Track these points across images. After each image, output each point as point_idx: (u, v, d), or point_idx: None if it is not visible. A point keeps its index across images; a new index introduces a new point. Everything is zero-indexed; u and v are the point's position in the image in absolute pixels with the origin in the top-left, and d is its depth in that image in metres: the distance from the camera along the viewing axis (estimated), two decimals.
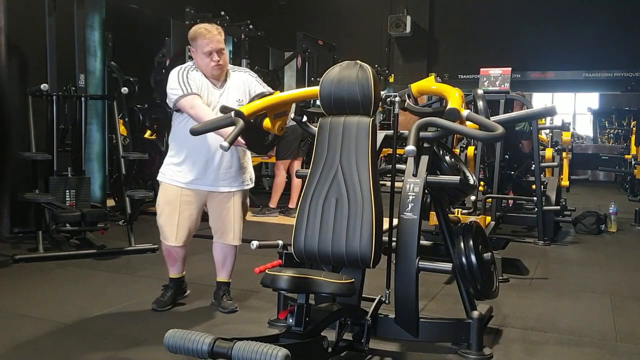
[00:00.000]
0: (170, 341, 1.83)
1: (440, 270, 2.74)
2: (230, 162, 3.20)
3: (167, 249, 3.29)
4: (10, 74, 5.30)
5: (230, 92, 3.15)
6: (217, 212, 3.26)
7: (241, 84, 3.20)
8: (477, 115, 2.83)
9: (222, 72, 3.12)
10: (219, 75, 3.12)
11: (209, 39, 3.03)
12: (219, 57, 3.05)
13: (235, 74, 3.25)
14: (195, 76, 3.11)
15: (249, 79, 3.26)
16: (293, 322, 2.18)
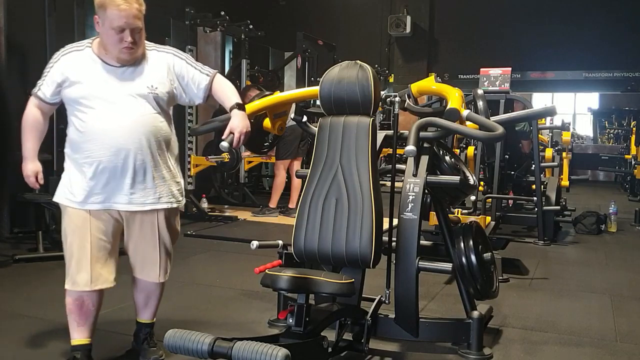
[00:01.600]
0: (170, 341, 1.83)
1: (440, 270, 2.74)
2: (148, 169, 2.38)
3: (78, 297, 2.38)
4: (10, 74, 5.30)
5: (139, 75, 2.37)
6: (134, 239, 2.47)
7: (161, 67, 2.43)
8: (477, 115, 2.84)
9: (133, 57, 2.34)
10: (126, 61, 2.34)
11: (123, 11, 2.24)
12: (132, 38, 2.28)
13: (155, 53, 2.46)
14: (71, 60, 2.36)
15: (177, 61, 2.48)
16: (293, 322, 2.18)
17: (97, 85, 2.33)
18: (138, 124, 2.34)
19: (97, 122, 2.32)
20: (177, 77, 2.46)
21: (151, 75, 2.40)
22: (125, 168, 2.33)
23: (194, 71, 2.49)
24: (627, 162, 9.83)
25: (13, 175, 5.28)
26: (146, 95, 2.36)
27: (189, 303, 3.44)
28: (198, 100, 2.55)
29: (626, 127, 11.42)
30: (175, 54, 2.52)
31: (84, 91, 2.33)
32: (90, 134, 2.33)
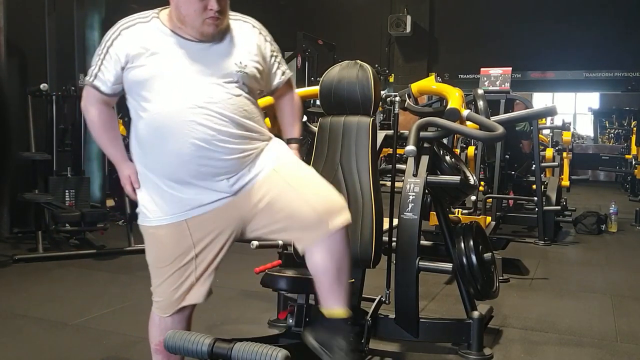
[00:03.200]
0: (170, 342, 1.83)
1: (441, 271, 2.73)
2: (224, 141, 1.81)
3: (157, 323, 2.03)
4: (10, 74, 5.30)
5: (225, 51, 1.87)
6: (271, 207, 1.88)
7: (250, 41, 1.93)
8: (477, 115, 2.83)
9: (218, 30, 1.84)
10: (211, 36, 1.84)
11: None
12: (218, 5, 1.79)
13: (241, 24, 1.96)
14: (136, 35, 1.83)
15: (262, 40, 1.97)
16: (293, 322, 2.17)
17: (172, 62, 1.81)
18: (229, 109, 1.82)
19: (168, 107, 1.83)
20: (263, 56, 1.95)
21: (239, 50, 1.88)
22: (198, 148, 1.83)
23: (274, 62, 2.00)
24: (627, 162, 9.83)
25: (13, 176, 5.29)
26: (234, 74, 1.85)
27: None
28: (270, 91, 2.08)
29: (627, 127, 11.42)
30: (261, 31, 1.99)
31: (155, 71, 1.81)
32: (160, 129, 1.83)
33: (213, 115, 1.79)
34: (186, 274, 1.94)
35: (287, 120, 2.11)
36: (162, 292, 1.98)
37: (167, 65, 1.81)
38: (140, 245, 4.76)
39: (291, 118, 2.11)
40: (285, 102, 2.10)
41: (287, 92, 2.09)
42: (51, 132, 4.96)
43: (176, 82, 1.80)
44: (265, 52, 1.96)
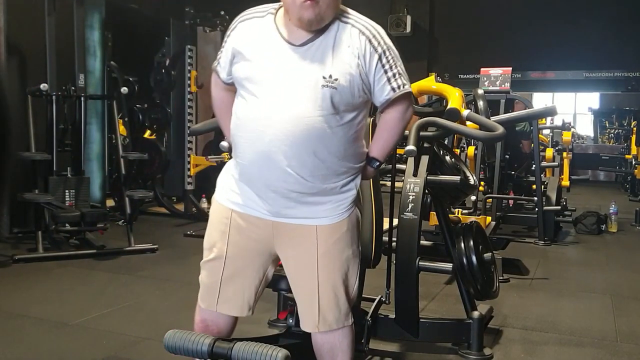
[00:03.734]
0: (170, 342, 1.82)
1: (441, 271, 2.73)
2: (318, 160, 1.72)
3: (199, 318, 1.99)
4: (10, 74, 5.30)
5: (320, 57, 1.69)
6: (291, 267, 1.89)
7: (350, 50, 1.70)
8: (477, 115, 2.83)
9: (318, 17, 1.65)
10: (309, 22, 1.66)
11: None
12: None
13: (348, 28, 1.71)
14: (250, 27, 1.77)
15: (368, 51, 1.70)
16: (293, 322, 2.17)
17: (265, 65, 1.72)
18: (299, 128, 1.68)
19: (248, 118, 1.75)
20: (365, 70, 1.71)
21: (332, 61, 1.68)
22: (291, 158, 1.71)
23: (382, 76, 1.74)
24: (627, 162, 9.84)
25: (12, 175, 5.29)
26: (320, 88, 1.67)
27: (189, 303, 3.43)
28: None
29: (627, 127, 11.43)
30: (372, 38, 1.71)
31: (248, 70, 1.74)
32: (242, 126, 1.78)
33: (279, 130, 1.69)
34: (215, 268, 1.93)
35: (375, 137, 1.91)
36: (202, 278, 1.99)
37: (258, 69, 1.73)
38: (140, 246, 4.79)
39: (379, 135, 1.88)
40: (385, 117, 1.84)
41: (393, 107, 1.80)
42: (51, 132, 4.95)
43: (257, 85, 1.73)
44: (371, 64, 1.71)
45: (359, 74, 1.70)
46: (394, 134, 1.86)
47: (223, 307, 1.92)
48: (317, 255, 1.81)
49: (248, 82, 1.74)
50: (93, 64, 6.09)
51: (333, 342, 1.88)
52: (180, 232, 5.67)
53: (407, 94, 1.79)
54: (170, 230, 5.89)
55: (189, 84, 6.49)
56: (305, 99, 1.68)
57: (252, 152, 1.74)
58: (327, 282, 1.82)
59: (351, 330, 1.90)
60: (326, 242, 1.81)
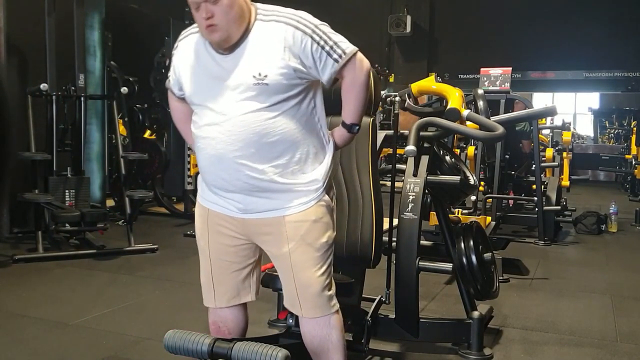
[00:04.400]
0: (170, 341, 1.82)
1: (441, 271, 2.73)
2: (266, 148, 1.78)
3: (211, 321, 2.06)
4: (10, 73, 5.30)
5: (242, 61, 1.76)
6: (270, 256, 1.96)
7: (271, 44, 1.75)
8: (477, 115, 2.83)
9: (222, 39, 1.73)
10: (218, 43, 1.75)
11: None
12: (210, 12, 1.71)
13: (262, 26, 1.77)
14: (185, 47, 1.89)
15: (297, 36, 1.75)
16: (293, 322, 2.17)
17: (198, 78, 1.84)
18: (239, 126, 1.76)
19: (198, 127, 1.86)
20: (299, 56, 1.75)
21: (257, 58, 1.74)
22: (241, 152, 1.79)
23: (322, 53, 1.76)
24: (627, 162, 9.84)
25: (13, 175, 5.29)
26: (252, 87, 1.74)
27: (189, 303, 3.44)
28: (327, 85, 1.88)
29: (626, 127, 11.43)
30: (298, 24, 1.75)
31: (188, 87, 1.88)
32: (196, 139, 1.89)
33: (223, 133, 1.77)
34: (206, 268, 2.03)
35: (343, 104, 1.92)
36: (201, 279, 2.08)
37: (198, 81, 1.84)
38: (139, 246, 4.79)
39: (345, 101, 1.90)
40: (343, 84, 1.87)
41: (346, 72, 1.82)
42: (51, 132, 4.95)
43: (198, 97, 1.84)
44: (304, 48, 1.74)
45: (291, 63, 1.74)
46: (357, 94, 1.87)
47: (221, 300, 1.99)
48: (289, 246, 1.85)
49: (193, 95, 1.86)
50: (93, 64, 6.09)
51: (321, 335, 1.90)
52: (180, 232, 5.67)
53: (352, 57, 1.81)
54: (170, 230, 5.89)
55: None
56: (242, 99, 1.76)
57: (206, 156, 1.84)
58: (301, 272, 1.86)
59: (338, 320, 1.92)
60: (296, 232, 1.84)
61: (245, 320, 2.05)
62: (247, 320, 2.07)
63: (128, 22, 7.58)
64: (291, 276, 1.88)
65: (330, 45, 1.77)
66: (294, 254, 1.85)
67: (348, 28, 10.77)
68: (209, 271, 2.01)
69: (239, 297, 1.99)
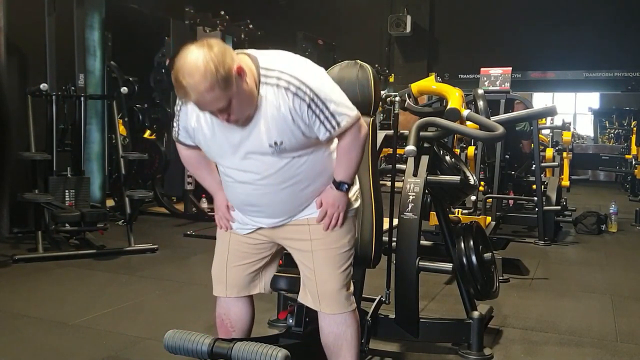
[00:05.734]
0: (170, 342, 1.83)
1: (441, 271, 2.73)
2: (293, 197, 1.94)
3: (216, 314, 2.13)
4: (10, 73, 5.30)
5: (258, 130, 1.82)
6: (293, 253, 2.09)
7: (282, 115, 1.80)
8: (477, 115, 2.83)
9: (240, 119, 1.79)
10: (236, 123, 1.81)
11: (196, 103, 1.74)
12: (225, 115, 1.75)
13: (272, 93, 1.80)
14: (192, 108, 1.87)
15: (297, 104, 1.79)
16: (293, 322, 2.17)
17: (215, 142, 1.89)
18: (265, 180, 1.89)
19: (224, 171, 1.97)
20: (304, 121, 1.81)
21: (272, 129, 1.81)
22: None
23: (315, 121, 1.81)
24: (627, 162, 9.83)
25: (13, 175, 5.29)
26: (270, 152, 1.83)
27: (189, 303, 3.44)
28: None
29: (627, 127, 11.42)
30: (297, 91, 1.78)
31: (205, 147, 1.95)
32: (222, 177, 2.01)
33: (249, 184, 1.91)
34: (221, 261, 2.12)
35: (336, 162, 1.96)
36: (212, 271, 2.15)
37: (214, 143, 1.90)
38: (139, 246, 4.79)
39: (339, 160, 1.95)
40: (339, 143, 1.93)
41: (343, 135, 1.88)
42: (51, 132, 4.95)
43: (218, 157, 1.95)
44: (302, 114, 1.80)
45: (299, 125, 1.82)
46: (351, 157, 1.93)
47: (232, 290, 2.06)
48: (312, 245, 1.97)
49: (212, 156, 1.98)
50: (93, 64, 6.09)
51: (337, 332, 1.99)
52: (180, 232, 5.67)
53: (347, 129, 1.86)
54: (170, 230, 5.89)
55: None
56: (262, 164, 1.87)
57: (234, 195, 1.99)
58: (322, 269, 1.97)
59: (354, 319, 2.02)
60: (319, 233, 1.97)
61: (250, 314, 2.13)
62: (253, 315, 2.15)
63: (128, 22, 7.57)
64: (313, 273, 1.98)
65: (326, 116, 1.82)
66: (317, 253, 1.97)
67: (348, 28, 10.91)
68: (225, 259, 2.07)
69: (248, 289, 2.08)
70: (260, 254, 2.07)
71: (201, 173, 2.12)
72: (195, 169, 2.13)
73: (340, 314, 1.98)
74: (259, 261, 2.08)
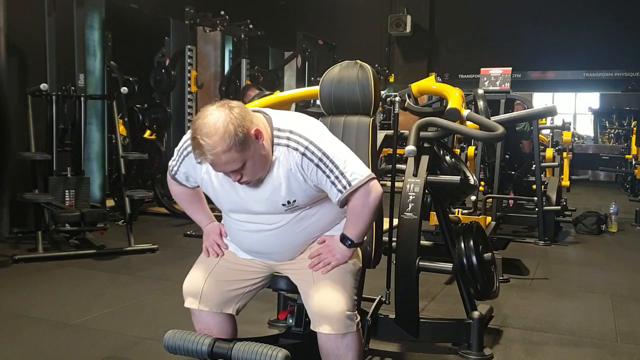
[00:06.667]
0: (170, 342, 1.83)
1: (441, 271, 2.73)
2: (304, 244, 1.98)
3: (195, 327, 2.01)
4: (10, 73, 5.30)
5: (267, 193, 1.86)
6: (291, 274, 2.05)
7: (294, 175, 1.83)
8: (477, 115, 2.83)
9: (252, 180, 1.80)
10: (249, 184, 1.83)
11: (211, 165, 1.76)
12: (238, 175, 1.77)
13: (284, 154, 1.82)
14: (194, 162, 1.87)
15: (305, 165, 1.80)
16: (293, 322, 2.17)
17: (224, 195, 1.91)
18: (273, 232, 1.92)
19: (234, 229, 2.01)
20: (314, 180, 1.83)
21: (284, 189, 1.84)
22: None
23: (326, 182, 1.81)
24: (627, 162, 9.83)
25: (13, 175, 5.29)
26: (282, 209, 1.87)
27: None
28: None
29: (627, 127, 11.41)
30: (306, 152, 1.79)
31: (213, 196, 1.97)
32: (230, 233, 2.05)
33: (257, 233, 1.93)
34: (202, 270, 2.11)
35: (347, 219, 1.94)
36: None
37: (222, 196, 1.92)
38: (139, 246, 4.78)
39: (349, 219, 1.92)
40: (350, 204, 1.88)
41: (354, 196, 1.84)
42: (51, 132, 4.95)
43: (226, 207, 1.96)
44: (312, 175, 1.81)
45: (312, 186, 1.84)
46: (362, 218, 1.89)
47: (206, 304, 1.95)
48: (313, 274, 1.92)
49: (220, 204, 1.97)
50: (93, 64, 6.09)
51: (337, 354, 1.85)
52: (180, 232, 5.67)
53: (360, 186, 1.83)
54: (170, 230, 5.89)
55: (189, 83, 6.49)
56: (274, 216, 1.90)
57: (239, 239, 2.01)
58: (322, 287, 1.87)
59: (356, 342, 1.87)
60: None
61: (232, 326, 2.01)
62: (235, 326, 2.03)
63: (128, 22, 7.58)
64: (313, 290, 1.88)
65: (336, 176, 1.80)
66: (317, 273, 1.91)
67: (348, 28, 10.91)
68: (207, 271, 2.01)
69: (222, 306, 1.96)
70: (250, 278, 2.02)
71: (192, 208, 2.15)
72: (187, 204, 2.15)
73: (340, 335, 1.82)
74: (245, 284, 2.01)
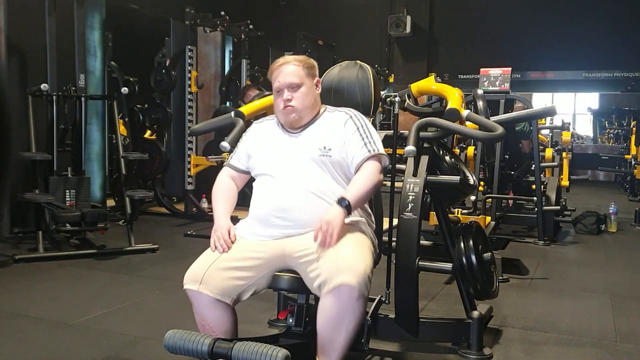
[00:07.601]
0: (170, 341, 1.83)
1: (440, 270, 2.73)
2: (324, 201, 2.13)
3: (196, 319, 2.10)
4: (10, 74, 5.30)
5: (308, 139, 2.18)
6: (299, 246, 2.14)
7: (335, 126, 2.20)
8: (477, 116, 2.83)
9: (296, 120, 2.18)
10: (291, 123, 2.19)
11: (276, 70, 2.16)
12: (290, 95, 2.13)
13: (328, 115, 2.27)
14: (258, 129, 2.33)
15: (349, 123, 2.21)
16: (293, 322, 2.18)
17: (271, 154, 2.21)
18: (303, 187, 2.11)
19: (263, 189, 2.19)
20: (348, 136, 2.18)
21: (323, 135, 2.17)
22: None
23: (360, 141, 2.17)
24: (627, 162, 9.84)
25: (13, 175, 5.29)
26: (317, 158, 2.14)
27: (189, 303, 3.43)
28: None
29: (626, 127, 11.44)
30: (352, 115, 2.23)
31: (259, 161, 2.23)
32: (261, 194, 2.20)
33: (295, 187, 2.12)
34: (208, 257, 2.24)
35: (352, 180, 2.17)
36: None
37: (269, 155, 2.21)
38: (140, 246, 4.79)
39: (356, 178, 2.16)
40: (365, 165, 2.17)
41: (371, 161, 2.17)
42: (51, 132, 4.95)
43: (272, 169, 2.18)
44: (349, 131, 2.19)
45: (344, 140, 2.17)
46: (370, 181, 2.14)
47: (205, 287, 2.02)
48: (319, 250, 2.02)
49: (263, 167, 2.20)
50: (93, 64, 6.09)
51: (343, 306, 1.89)
52: (181, 232, 5.68)
53: (380, 157, 2.20)
54: (170, 230, 5.89)
55: (189, 84, 6.49)
56: (306, 169, 2.14)
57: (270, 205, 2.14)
58: (340, 247, 1.97)
59: (361, 316, 1.95)
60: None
61: (231, 318, 2.07)
62: (236, 319, 2.09)
63: (128, 22, 7.58)
64: (328, 253, 1.96)
65: (369, 140, 2.19)
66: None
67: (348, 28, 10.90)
68: (211, 261, 2.09)
69: (221, 294, 2.03)
70: (254, 266, 2.07)
71: (223, 198, 2.28)
72: (221, 193, 2.30)
73: (358, 294, 1.86)
74: (248, 273, 2.06)
